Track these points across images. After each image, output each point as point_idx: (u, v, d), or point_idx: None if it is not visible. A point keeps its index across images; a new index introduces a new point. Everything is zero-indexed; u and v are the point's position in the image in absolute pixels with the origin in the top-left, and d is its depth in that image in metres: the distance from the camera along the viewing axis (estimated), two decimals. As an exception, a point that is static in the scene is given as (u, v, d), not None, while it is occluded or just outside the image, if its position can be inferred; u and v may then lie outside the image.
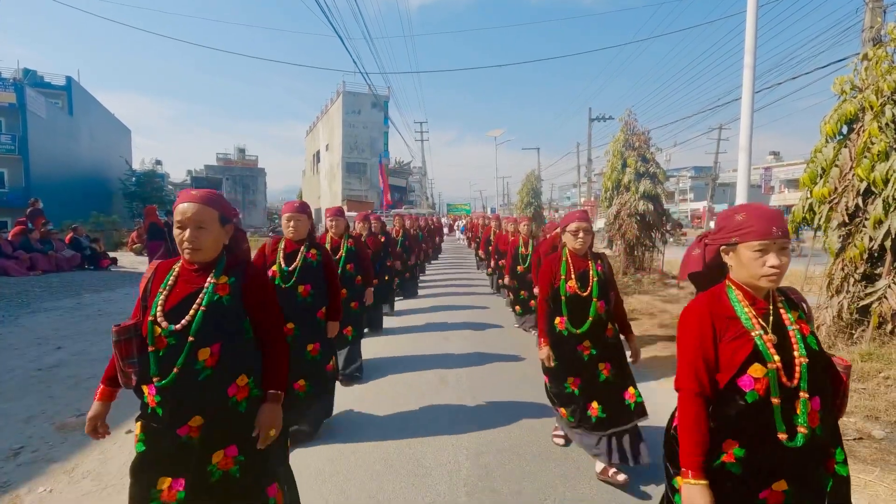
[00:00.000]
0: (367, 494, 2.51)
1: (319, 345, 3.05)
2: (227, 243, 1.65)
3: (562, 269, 2.73)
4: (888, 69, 4.21)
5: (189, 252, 1.53)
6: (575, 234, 2.69)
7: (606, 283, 2.69)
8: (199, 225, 1.52)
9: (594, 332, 2.64)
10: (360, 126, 37.69)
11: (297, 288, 3.00)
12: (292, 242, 3.11)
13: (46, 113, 23.65)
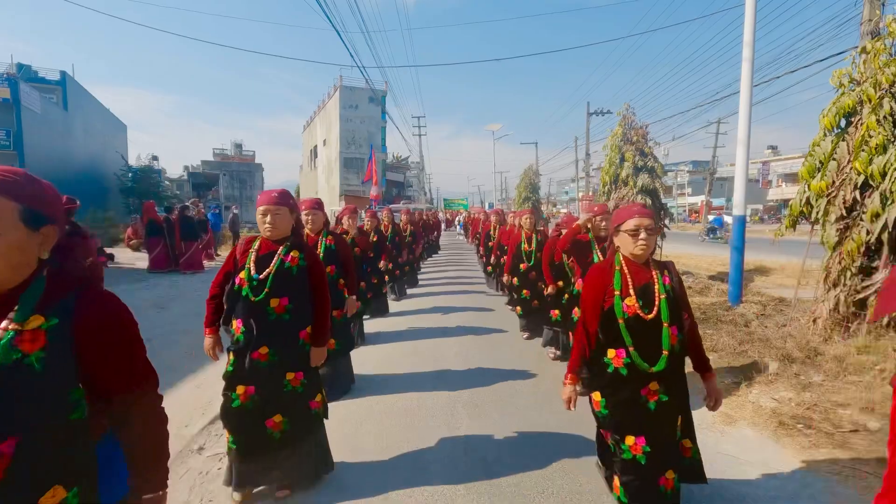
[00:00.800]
0: (365, 487, 2.52)
1: (302, 374, 2.38)
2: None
3: (616, 282, 1.97)
4: (886, 62, 4.20)
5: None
6: (634, 235, 1.96)
7: (677, 301, 1.97)
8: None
9: (667, 369, 1.91)
10: (358, 121, 37.54)
11: (268, 302, 2.30)
12: (269, 243, 2.40)
13: (41, 108, 23.45)
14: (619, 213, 2.08)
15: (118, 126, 35.35)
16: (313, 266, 2.44)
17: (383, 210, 8.11)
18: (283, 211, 2.36)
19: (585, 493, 2.49)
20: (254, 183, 42.68)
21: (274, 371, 2.30)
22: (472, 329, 5.94)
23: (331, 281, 3.41)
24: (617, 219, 2.07)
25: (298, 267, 2.36)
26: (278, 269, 2.31)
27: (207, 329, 2.43)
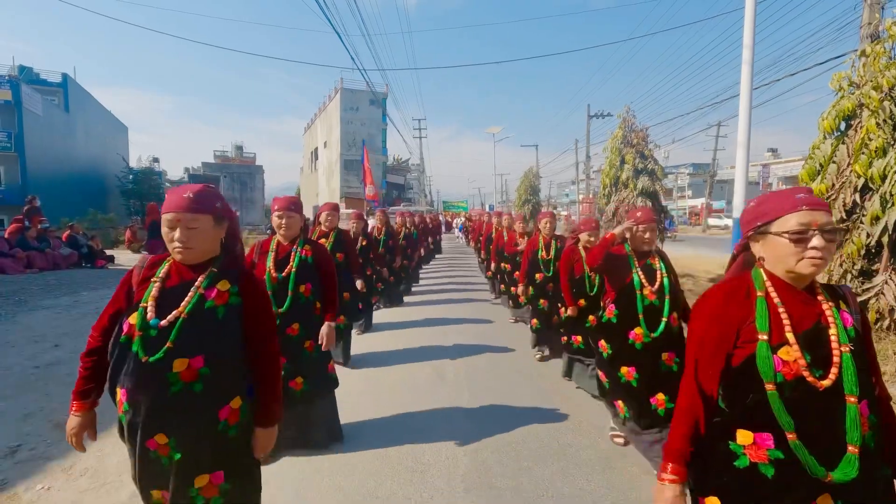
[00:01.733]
0: (365, 491, 2.51)
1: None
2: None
3: (760, 318, 1.22)
4: (886, 65, 4.21)
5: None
6: (800, 241, 1.27)
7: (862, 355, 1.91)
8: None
9: (855, 478, 1.65)
10: (359, 123, 37.62)
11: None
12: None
13: (42, 110, 23.52)
14: (766, 201, 1.27)
15: (119, 128, 35.45)
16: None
17: (377, 212, 7.46)
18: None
19: (585, 495, 2.48)
20: (254, 185, 42.80)
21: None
22: (471, 330, 5.94)
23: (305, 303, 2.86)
24: (763, 212, 1.25)
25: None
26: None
27: None
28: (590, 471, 2.70)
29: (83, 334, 1.64)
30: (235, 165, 43.74)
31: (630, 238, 2.71)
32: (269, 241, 2.93)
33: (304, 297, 2.80)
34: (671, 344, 2.52)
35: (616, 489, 2.53)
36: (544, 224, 4.78)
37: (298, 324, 2.76)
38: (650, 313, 2.55)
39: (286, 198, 2.93)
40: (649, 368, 2.55)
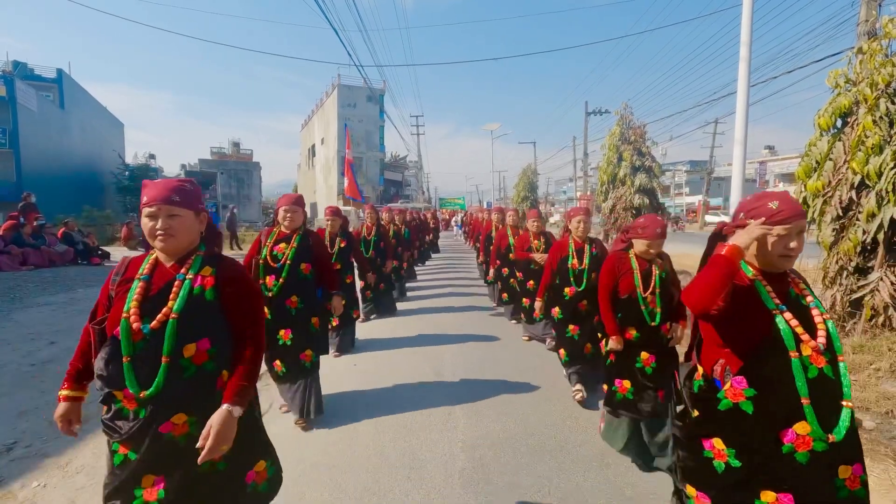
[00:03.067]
0: (362, 487, 2.52)
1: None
2: None
3: None
4: (882, 63, 4.22)
5: None
6: None
7: None
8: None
9: None
10: (356, 120, 37.48)
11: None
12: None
13: (37, 106, 23.33)
14: None
15: (115, 124, 35.23)
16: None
17: (365, 207, 6.72)
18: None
19: (582, 491, 2.49)
20: (251, 182, 42.61)
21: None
22: (469, 328, 5.94)
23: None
24: None
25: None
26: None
27: None
28: (587, 467, 2.71)
29: (79, 331, 1.63)
30: (232, 162, 43.52)
31: (760, 251, 1.43)
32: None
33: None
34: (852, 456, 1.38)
35: (613, 485, 2.54)
36: (577, 224, 3.72)
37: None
38: (820, 394, 1.33)
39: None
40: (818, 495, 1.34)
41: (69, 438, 2.99)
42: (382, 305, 6.59)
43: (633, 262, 2.73)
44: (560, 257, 3.80)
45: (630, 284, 2.69)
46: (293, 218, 3.23)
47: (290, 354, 3.14)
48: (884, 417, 3.22)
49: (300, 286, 3.16)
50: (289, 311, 3.12)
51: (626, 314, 2.71)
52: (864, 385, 3.62)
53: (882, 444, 2.88)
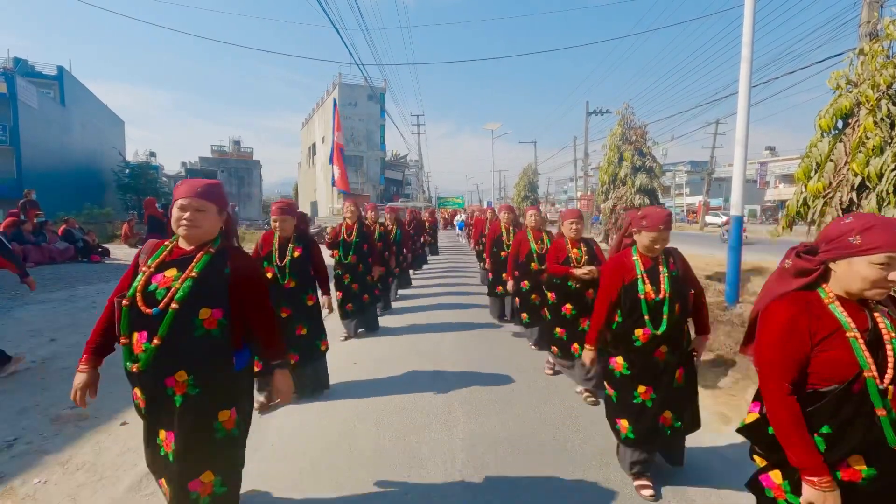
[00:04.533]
0: (362, 485, 2.52)
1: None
2: None
3: None
4: (884, 64, 4.21)
5: None
6: None
7: None
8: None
9: None
10: (357, 119, 37.49)
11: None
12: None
13: (38, 103, 23.33)
14: None
15: (116, 122, 35.22)
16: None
17: (346, 202, 5.47)
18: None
19: (582, 491, 2.50)
20: (252, 180, 42.66)
21: None
22: (469, 328, 5.94)
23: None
24: None
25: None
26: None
27: None
28: (586, 466, 2.72)
29: (79, 328, 1.65)
30: (233, 160, 43.57)
31: None
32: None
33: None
34: None
35: (612, 484, 2.54)
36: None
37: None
38: None
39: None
40: None
41: (69, 436, 3.01)
42: (364, 321, 5.53)
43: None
44: (629, 280, 2.66)
45: None
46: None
47: None
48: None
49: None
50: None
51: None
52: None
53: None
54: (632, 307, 2.36)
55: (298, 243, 3.55)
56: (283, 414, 3.37)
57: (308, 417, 3.36)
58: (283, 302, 3.46)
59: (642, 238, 2.39)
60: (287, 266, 3.47)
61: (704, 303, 2.52)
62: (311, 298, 3.59)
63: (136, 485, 2.50)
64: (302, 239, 3.58)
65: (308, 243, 3.59)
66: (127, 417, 3.29)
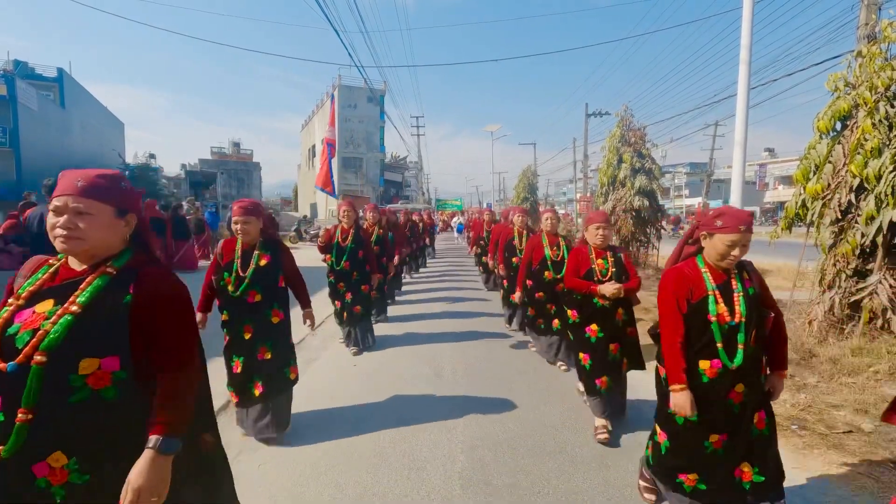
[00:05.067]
0: (362, 487, 2.52)
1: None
2: None
3: None
4: (882, 66, 4.23)
5: None
6: None
7: None
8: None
9: None
10: (356, 120, 37.52)
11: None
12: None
13: (38, 105, 23.34)
14: None
15: (115, 123, 35.24)
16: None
17: (341, 202, 5.03)
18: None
19: (582, 493, 2.50)
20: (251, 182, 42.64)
21: None
22: (469, 329, 5.94)
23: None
24: None
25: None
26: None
27: None
28: (586, 469, 2.72)
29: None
30: (233, 162, 43.55)
31: None
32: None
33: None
34: None
35: (612, 487, 2.54)
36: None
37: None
38: None
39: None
40: None
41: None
42: (359, 332, 4.99)
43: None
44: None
45: None
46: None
47: None
48: (882, 420, 3.22)
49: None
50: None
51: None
52: (862, 388, 3.63)
53: (881, 447, 2.89)
54: (699, 332, 1.90)
55: (265, 250, 2.98)
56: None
57: (308, 421, 3.36)
58: (246, 319, 2.92)
59: (715, 243, 1.89)
60: (251, 277, 2.89)
61: (784, 330, 2.05)
62: (276, 314, 2.96)
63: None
64: (269, 245, 3.03)
65: (277, 249, 3.04)
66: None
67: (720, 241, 1.88)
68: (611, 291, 2.97)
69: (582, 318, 3.17)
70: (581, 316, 3.17)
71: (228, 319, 2.96)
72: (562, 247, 4.29)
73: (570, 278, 3.17)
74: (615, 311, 3.09)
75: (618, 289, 2.97)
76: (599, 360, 3.07)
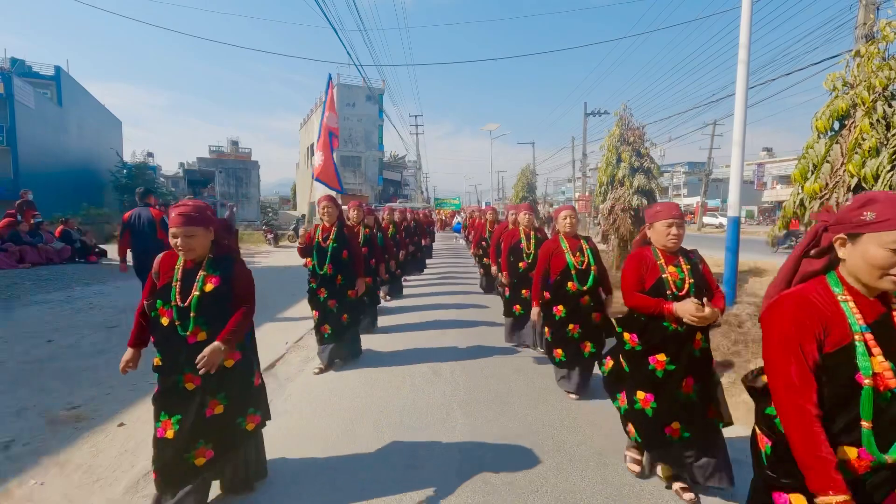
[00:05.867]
0: (360, 486, 2.52)
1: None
2: None
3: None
4: (880, 66, 4.24)
5: None
6: None
7: None
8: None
9: None
10: (355, 119, 37.49)
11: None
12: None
13: (35, 103, 23.25)
14: None
15: (113, 122, 35.13)
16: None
17: (319, 200, 4.38)
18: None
19: (580, 491, 2.50)
20: (250, 180, 42.54)
21: None
22: (467, 328, 5.94)
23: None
24: None
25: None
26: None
27: None
28: (584, 467, 2.72)
29: (76, 329, 1.63)
30: (231, 161, 43.42)
31: None
32: None
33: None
34: None
35: (610, 485, 2.55)
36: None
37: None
38: None
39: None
40: None
41: (66, 437, 3.00)
42: (342, 346, 4.48)
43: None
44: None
45: None
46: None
47: None
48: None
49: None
50: None
51: None
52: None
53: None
54: (839, 401, 1.24)
55: (213, 270, 2.19)
56: (280, 413, 3.37)
57: (306, 419, 3.36)
58: (187, 367, 2.09)
59: (867, 250, 1.20)
60: (193, 307, 2.11)
61: None
62: (232, 356, 2.20)
63: (134, 486, 2.50)
64: (220, 262, 2.22)
65: (229, 268, 2.23)
66: (125, 419, 3.28)
67: (877, 246, 1.17)
68: (694, 312, 2.10)
69: (644, 344, 2.39)
70: (643, 342, 2.40)
71: (162, 364, 2.15)
72: (586, 251, 3.58)
73: (632, 294, 2.38)
74: (692, 337, 2.28)
75: (710, 311, 2.10)
76: (667, 402, 2.33)
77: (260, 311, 2.57)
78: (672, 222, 2.35)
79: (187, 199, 2.41)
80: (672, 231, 2.35)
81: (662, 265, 2.36)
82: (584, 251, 3.58)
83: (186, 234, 2.11)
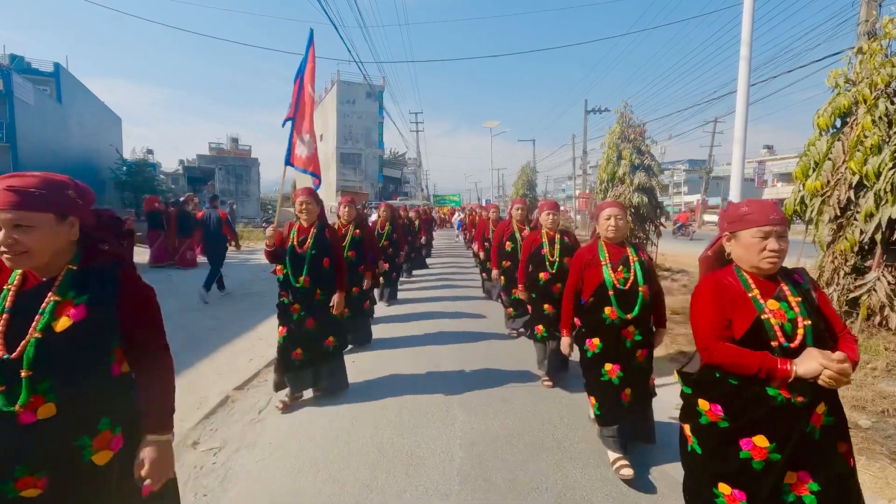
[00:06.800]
0: (360, 483, 2.52)
1: None
2: None
3: None
4: (882, 63, 4.22)
5: None
6: None
7: None
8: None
9: None
10: (355, 116, 37.46)
11: None
12: None
13: (34, 100, 23.21)
14: None
15: (113, 119, 35.08)
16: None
17: (296, 193, 3.51)
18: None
19: (579, 488, 2.50)
20: (250, 177, 42.48)
21: None
22: (467, 325, 5.94)
23: None
24: None
25: None
26: None
27: None
28: (584, 464, 2.72)
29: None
30: (231, 158, 43.32)
31: None
32: None
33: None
34: None
35: (610, 482, 2.55)
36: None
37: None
38: None
39: None
40: None
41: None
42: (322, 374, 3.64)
43: None
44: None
45: None
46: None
47: None
48: (879, 416, 3.24)
49: None
50: None
51: None
52: (860, 384, 3.64)
53: (877, 443, 2.90)
54: None
55: (76, 291, 1.24)
56: (282, 413, 3.37)
57: (306, 416, 3.36)
58: (21, 466, 1.18)
59: None
60: (27, 361, 1.15)
61: None
62: (113, 446, 1.29)
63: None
64: (90, 279, 1.27)
65: (109, 287, 1.28)
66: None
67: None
68: (832, 368, 1.35)
69: (733, 420, 1.54)
70: (731, 416, 1.55)
71: None
72: (633, 265, 2.62)
73: (718, 344, 1.55)
74: (811, 410, 1.46)
75: (847, 364, 1.36)
76: None
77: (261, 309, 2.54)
78: (770, 231, 1.54)
79: (13, 172, 1.23)
80: (770, 245, 1.53)
81: (757, 298, 1.54)
82: (631, 265, 2.61)
83: (15, 221, 1.15)
